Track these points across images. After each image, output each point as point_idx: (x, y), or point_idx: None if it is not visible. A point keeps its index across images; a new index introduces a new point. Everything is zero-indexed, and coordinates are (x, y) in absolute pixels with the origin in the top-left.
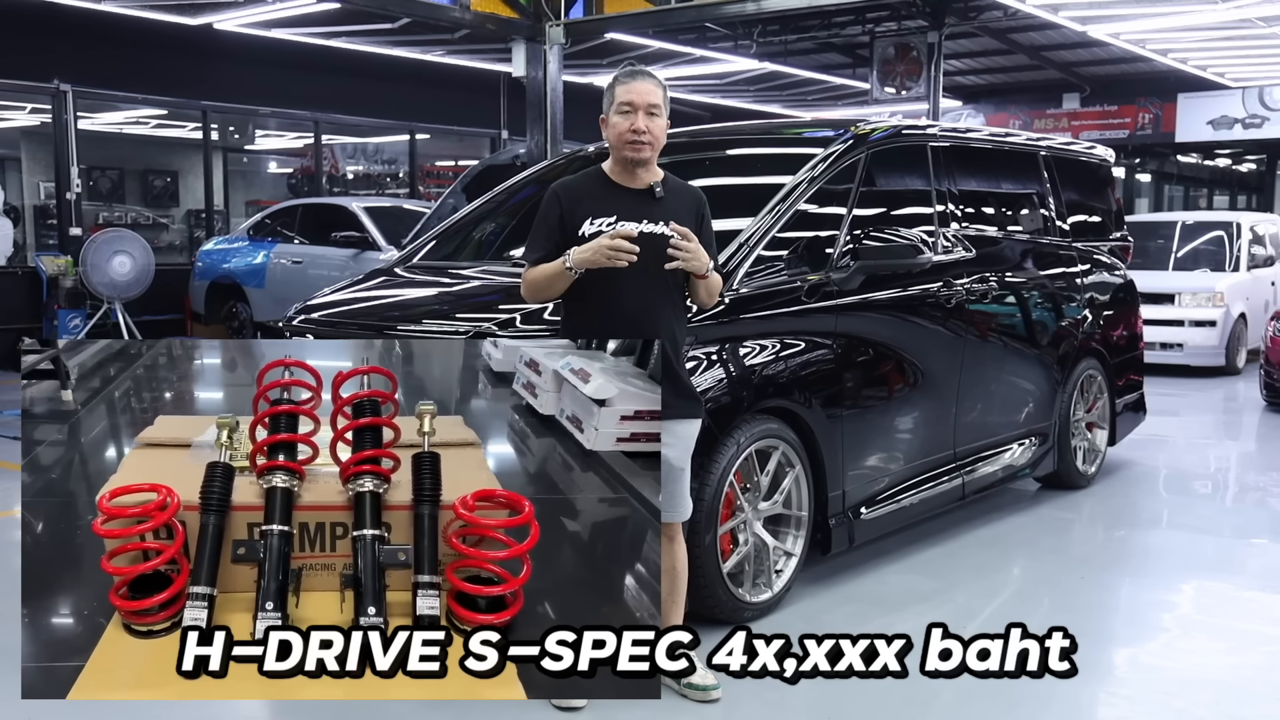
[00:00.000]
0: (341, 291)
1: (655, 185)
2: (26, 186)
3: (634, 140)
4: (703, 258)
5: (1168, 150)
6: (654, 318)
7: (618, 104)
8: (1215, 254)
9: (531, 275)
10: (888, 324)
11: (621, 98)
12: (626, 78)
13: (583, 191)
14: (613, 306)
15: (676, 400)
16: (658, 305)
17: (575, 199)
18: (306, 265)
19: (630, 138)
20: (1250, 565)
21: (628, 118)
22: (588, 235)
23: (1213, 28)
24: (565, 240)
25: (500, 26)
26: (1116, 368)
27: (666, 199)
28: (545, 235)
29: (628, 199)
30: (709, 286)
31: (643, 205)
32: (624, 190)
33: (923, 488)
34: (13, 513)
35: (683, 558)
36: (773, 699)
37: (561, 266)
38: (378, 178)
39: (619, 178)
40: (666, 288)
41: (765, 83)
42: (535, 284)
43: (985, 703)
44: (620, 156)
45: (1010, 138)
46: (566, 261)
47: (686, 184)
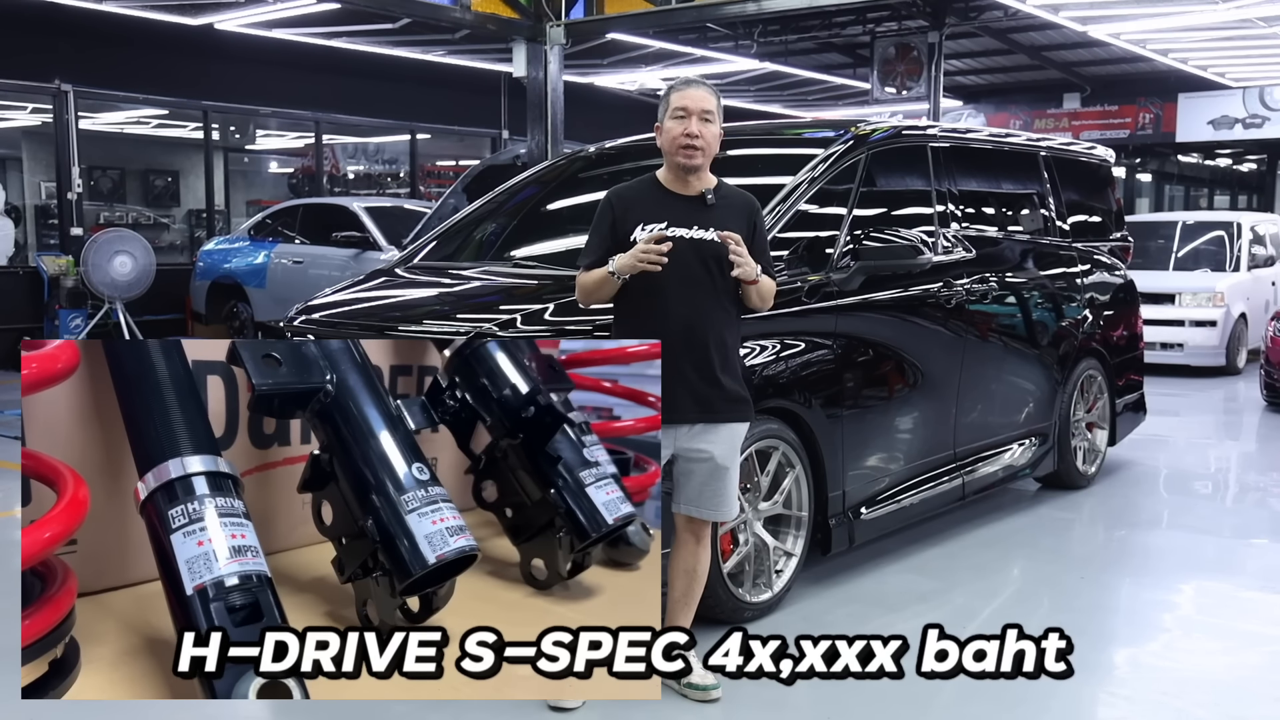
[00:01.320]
0: (342, 292)
1: (707, 192)
2: (28, 186)
3: (687, 145)
4: (751, 265)
5: (1168, 150)
6: (703, 322)
7: (672, 109)
8: (1216, 254)
9: (583, 280)
10: (888, 324)
11: (676, 103)
12: (682, 85)
13: (635, 198)
14: (663, 310)
15: (724, 404)
16: (707, 309)
17: (627, 205)
18: (307, 265)
19: (684, 141)
20: (1250, 566)
21: (681, 122)
22: (639, 241)
23: (1213, 28)
24: (617, 246)
25: (501, 27)
26: (1117, 368)
27: (718, 206)
28: (598, 241)
29: (679, 205)
30: (760, 292)
31: (694, 212)
32: (676, 197)
33: (923, 488)
34: (13, 513)
35: (705, 561)
36: (772, 699)
37: (606, 272)
38: (378, 178)
39: (672, 184)
40: (716, 292)
41: (766, 83)
42: (585, 289)
43: (985, 703)
44: (673, 162)
45: (1010, 138)
46: (610, 266)
47: (740, 191)
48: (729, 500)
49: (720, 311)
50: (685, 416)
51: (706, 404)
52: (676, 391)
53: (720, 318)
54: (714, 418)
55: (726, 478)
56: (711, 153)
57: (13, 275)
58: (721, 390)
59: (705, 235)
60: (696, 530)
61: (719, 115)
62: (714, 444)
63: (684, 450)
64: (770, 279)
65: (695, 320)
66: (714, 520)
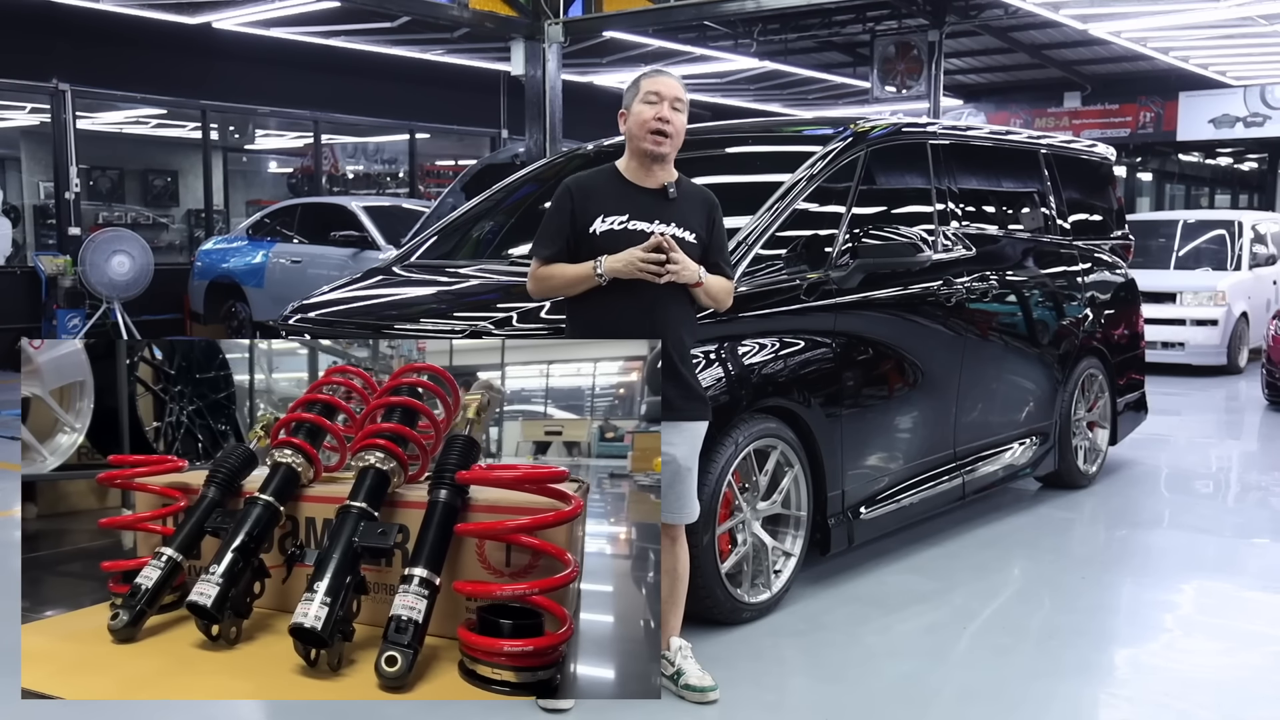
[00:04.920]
0: (338, 290)
1: (669, 186)
2: (26, 186)
3: (657, 130)
4: (692, 269)
5: (1169, 149)
6: (660, 318)
7: (644, 93)
8: (1217, 253)
9: (546, 273)
10: (887, 323)
11: (648, 88)
12: (654, 73)
13: (594, 188)
14: (618, 306)
15: (684, 402)
16: (663, 305)
17: (586, 195)
18: (306, 265)
19: (654, 126)
20: (1252, 565)
21: (654, 107)
22: (598, 233)
23: (1214, 26)
24: (575, 237)
25: (499, 25)
26: (1118, 367)
27: (678, 200)
28: (555, 231)
29: (640, 198)
30: (710, 292)
31: (654, 205)
32: (637, 189)
33: (923, 487)
34: (12, 513)
35: (684, 560)
36: (771, 700)
37: (591, 272)
38: (377, 177)
39: (633, 175)
40: (673, 288)
41: (765, 81)
42: (552, 284)
43: (985, 704)
44: (639, 149)
45: (1010, 135)
46: (598, 268)
47: (699, 186)
48: (690, 502)
49: (677, 308)
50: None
51: (665, 401)
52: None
53: (677, 314)
54: (673, 415)
55: (688, 480)
56: (678, 144)
57: (10, 275)
58: (680, 387)
59: (667, 230)
60: (670, 531)
61: (686, 109)
62: (676, 445)
63: None
64: (726, 278)
65: (651, 315)
66: (675, 524)
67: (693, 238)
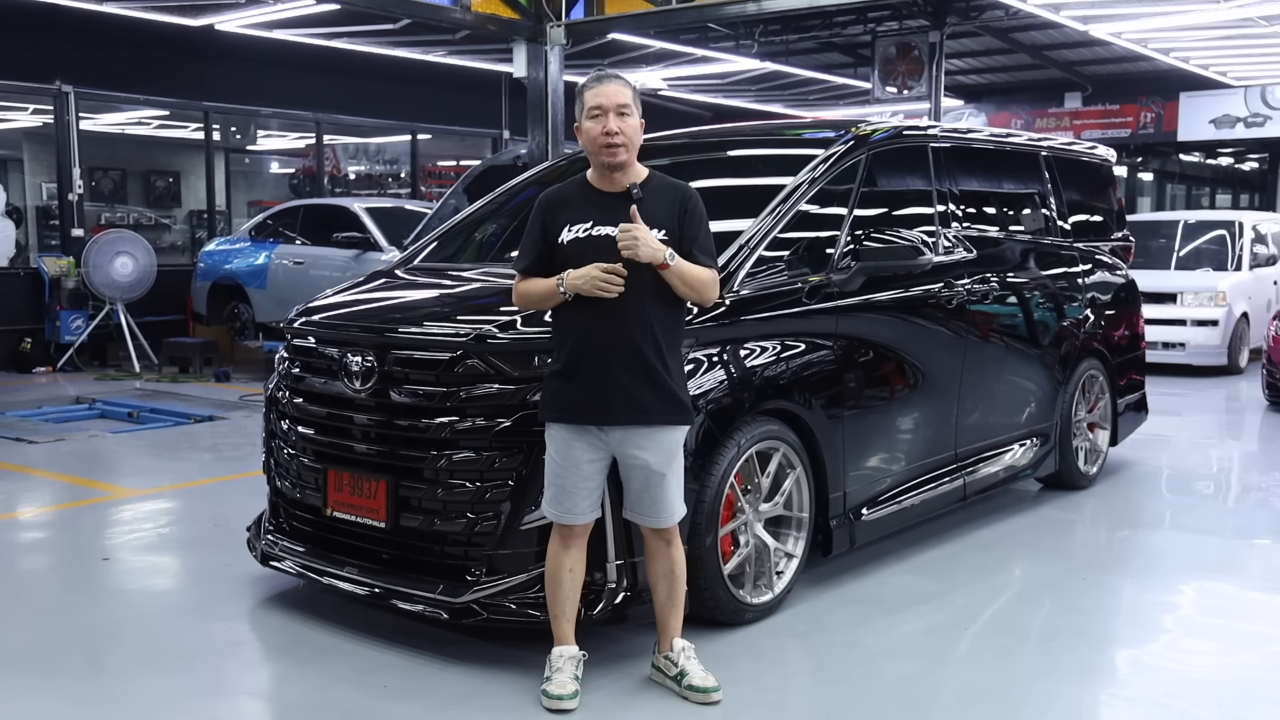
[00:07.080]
0: (343, 294)
1: (632, 187)
2: (29, 187)
3: (608, 144)
4: (652, 245)
5: (1170, 149)
6: (633, 325)
7: (587, 109)
8: (1217, 253)
9: (523, 288)
10: (889, 325)
11: (590, 102)
12: (593, 83)
13: (563, 199)
14: (596, 310)
15: (659, 406)
16: (640, 308)
17: (556, 207)
18: (308, 266)
19: (604, 141)
20: (1253, 566)
21: (599, 121)
22: (565, 242)
23: (1215, 27)
24: (548, 249)
25: (501, 27)
26: (1118, 367)
27: (646, 199)
28: (529, 246)
29: (605, 202)
30: (686, 279)
31: (619, 208)
32: (601, 194)
33: (924, 489)
34: (14, 514)
35: (680, 561)
36: (773, 701)
37: (555, 288)
38: (379, 178)
39: (598, 182)
40: (643, 289)
41: (767, 83)
42: (527, 297)
43: (986, 704)
44: (598, 162)
45: (1011, 138)
46: (561, 285)
47: (673, 181)
48: (669, 506)
49: (653, 311)
50: (617, 418)
51: (637, 405)
52: (606, 392)
53: (653, 317)
54: (646, 419)
55: (665, 484)
56: (635, 146)
57: (14, 276)
58: (654, 390)
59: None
60: (661, 534)
61: (636, 105)
62: (649, 451)
63: (620, 454)
64: (706, 268)
65: (621, 318)
66: (660, 527)
67: (661, 234)
